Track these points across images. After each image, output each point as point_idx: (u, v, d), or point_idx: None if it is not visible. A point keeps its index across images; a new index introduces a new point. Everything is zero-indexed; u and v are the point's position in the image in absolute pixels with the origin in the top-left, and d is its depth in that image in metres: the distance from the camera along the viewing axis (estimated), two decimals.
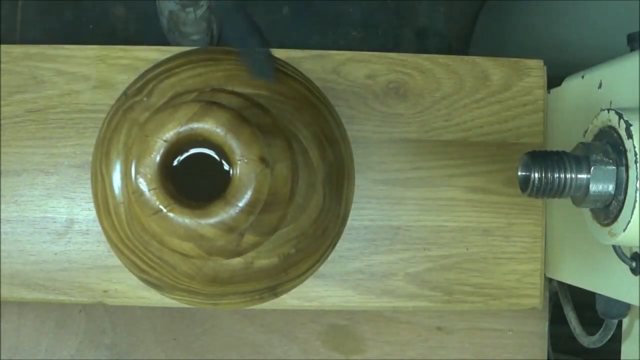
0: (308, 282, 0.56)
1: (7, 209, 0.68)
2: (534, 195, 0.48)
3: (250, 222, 0.40)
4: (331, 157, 0.51)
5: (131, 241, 0.49)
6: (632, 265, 0.50)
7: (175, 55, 0.52)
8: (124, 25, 1.30)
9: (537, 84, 0.71)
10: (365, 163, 0.70)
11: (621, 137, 0.45)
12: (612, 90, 0.56)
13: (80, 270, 0.68)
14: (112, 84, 0.68)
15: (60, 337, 0.72)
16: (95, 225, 0.68)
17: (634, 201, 0.43)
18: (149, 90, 0.49)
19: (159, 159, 0.39)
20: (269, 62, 0.46)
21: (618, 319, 0.62)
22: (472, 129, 0.71)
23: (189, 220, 0.39)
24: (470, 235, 0.70)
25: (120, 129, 0.49)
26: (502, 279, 0.71)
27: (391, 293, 0.70)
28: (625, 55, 0.55)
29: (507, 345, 0.74)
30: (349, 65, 0.70)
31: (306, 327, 0.74)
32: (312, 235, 0.50)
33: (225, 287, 0.49)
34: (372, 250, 0.70)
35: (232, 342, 0.73)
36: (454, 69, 0.71)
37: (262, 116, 0.45)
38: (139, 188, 0.39)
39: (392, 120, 0.70)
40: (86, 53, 0.69)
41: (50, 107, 0.68)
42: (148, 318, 0.73)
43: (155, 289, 0.51)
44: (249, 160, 0.39)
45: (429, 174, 0.70)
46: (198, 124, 0.39)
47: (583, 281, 0.63)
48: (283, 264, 0.49)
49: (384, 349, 0.74)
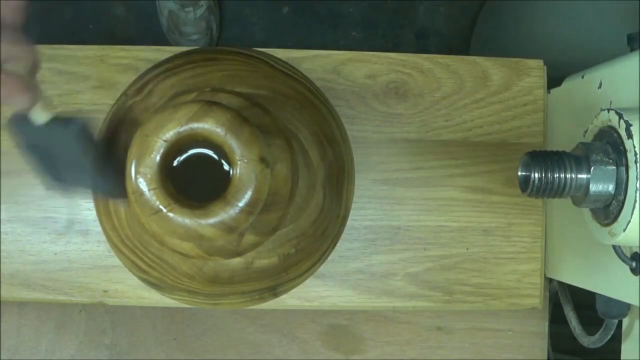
0: (308, 282, 0.56)
1: (7, 209, 0.68)
2: (534, 195, 0.48)
3: (250, 222, 0.40)
4: (331, 157, 0.51)
5: (131, 241, 0.49)
6: (632, 265, 0.50)
7: (175, 55, 0.52)
8: (124, 25, 1.30)
9: (537, 84, 0.71)
10: (365, 163, 0.70)
11: (621, 137, 0.45)
12: (612, 90, 0.56)
13: (80, 270, 0.68)
14: (112, 84, 0.68)
15: (60, 337, 0.72)
16: (95, 225, 0.68)
17: (634, 201, 0.43)
18: (148, 91, 0.49)
19: (159, 159, 0.39)
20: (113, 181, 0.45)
21: (618, 319, 0.62)
22: (472, 129, 0.71)
23: (189, 221, 0.39)
24: (470, 235, 0.70)
25: (120, 129, 0.49)
26: (502, 279, 0.71)
27: (391, 293, 0.70)
28: (625, 55, 0.55)
29: (507, 345, 0.74)
30: (349, 65, 0.70)
31: (306, 327, 0.74)
32: (312, 235, 0.50)
33: (225, 287, 0.49)
34: (372, 250, 0.70)
35: (232, 342, 0.73)
36: (454, 69, 0.71)
37: (262, 116, 0.45)
38: (139, 188, 0.39)
39: (392, 120, 0.70)
40: (86, 53, 0.69)
41: (50, 107, 0.68)
42: (148, 318, 0.73)
43: (155, 289, 0.51)
44: (249, 160, 0.39)
45: (429, 174, 0.70)
46: (198, 124, 0.39)
47: (583, 281, 0.63)
48: (283, 264, 0.49)
49: (384, 349, 0.74)
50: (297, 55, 0.69)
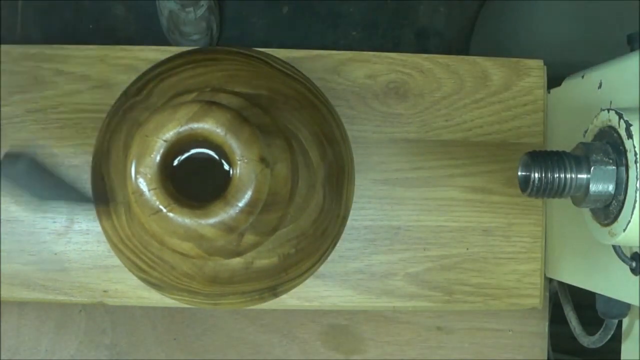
0: (308, 282, 0.56)
1: (7, 209, 0.68)
2: (534, 195, 0.48)
3: (250, 222, 0.40)
4: (331, 157, 0.51)
5: (131, 241, 0.49)
6: (632, 265, 0.50)
7: (175, 55, 0.52)
8: (124, 25, 1.30)
9: (537, 84, 0.71)
10: (365, 163, 0.70)
11: (621, 137, 0.45)
12: (612, 90, 0.56)
13: (80, 270, 0.68)
14: (112, 84, 0.68)
15: (60, 337, 0.72)
16: (95, 225, 0.68)
17: (634, 201, 0.43)
18: (149, 90, 0.49)
19: (159, 159, 0.39)
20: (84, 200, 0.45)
21: (618, 319, 0.62)
22: (472, 129, 0.71)
23: (189, 221, 0.39)
24: (470, 235, 0.70)
25: (120, 129, 0.49)
26: (502, 279, 0.71)
27: (391, 293, 0.70)
28: (625, 55, 0.55)
29: (507, 345, 0.74)
30: (349, 65, 0.70)
31: (306, 327, 0.74)
32: (312, 235, 0.50)
33: (225, 287, 0.49)
34: (372, 250, 0.70)
35: (232, 342, 0.73)
36: (454, 69, 0.71)
37: (262, 116, 0.45)
38: (139, 188, 0.39)
39: (392, 120, 0.70)
40: (86, 53, 0.69)
41: (50, 107, 0.68)
42: (148, 318, 0.73)
43: (155, 289, 0.51)
44: (249, 160, 0.39)
45: (429, 174, 0.70)
46: (198, 124, 0.39)
47: (583, 281, 0.63)
48: (283, 264, 0.49)
49: (384, 349, 0.74)
50: (297, 55, 0.69)
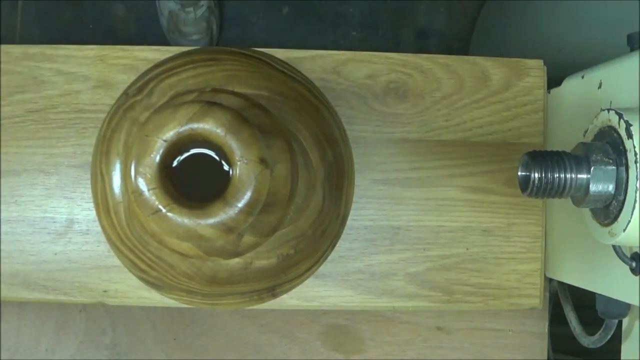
0: (308, 282, 0.56)
1: (7, 209, 0.68)
2: (534, 195, 0.48)
3: (249, 223, 0.40)
4: (331, 158, 0.51)
5: (130, 241, 0.48)
6: (632, 265, 0.50)
7: (176, 55, 0.52)
8: (124, 25, 1.30)
9: (537, 84, 0.71)
10: (365, 163, 0.70)
11: (621, 137, 0.45)
12: (612, 90, 0.56)
13: (80, 270, 0.68)
14: (112, 84, 0.68)
15: (60, 337, 0.72)
16: (95, 225, 0.68)
17: (634, 201, 0.43)
18: (149, 90, 0.49)
19: (158, 159, 0.39)
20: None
21: (618, 319, 0.62)
22: (472, 129, 0.71)
23: (188, 221, 0.39)
24: (470, 235, 0.70)
25: (120, 129, 0.49)
26: (502, 279, 0.71)
27: (391, 293, 0.70)
28: (625, 55, 0.55)
29: (507, 345, 0.74)
30: (349, 65, 0.70)
31: (306, 327, 0.74)
32: (311, 236, 0.50)
33: (224, 287, 0.49)
34: (372, 250, 0.70)
35: (232, 342, 0.73)
36: (454, 69, 0.71)
37: (262, 117, 0.45)
38: (139, 188, 0.39)
39: (392, 120, 0.70)
40: (86, 53, 0.69)
41: (50, 107, 0.68)
42: (148, 318, 0.73)
43: (154, 288, 0.51)
44: (248, 160, 0.39)
45: (429, 174, 0.70)
46: (198, 124, 0.39)
47: (583, 281, 0.63)
48: (282, 265, 0.49)
49: (384, 349, 0.74)
50: (297, 55, 0.69)
